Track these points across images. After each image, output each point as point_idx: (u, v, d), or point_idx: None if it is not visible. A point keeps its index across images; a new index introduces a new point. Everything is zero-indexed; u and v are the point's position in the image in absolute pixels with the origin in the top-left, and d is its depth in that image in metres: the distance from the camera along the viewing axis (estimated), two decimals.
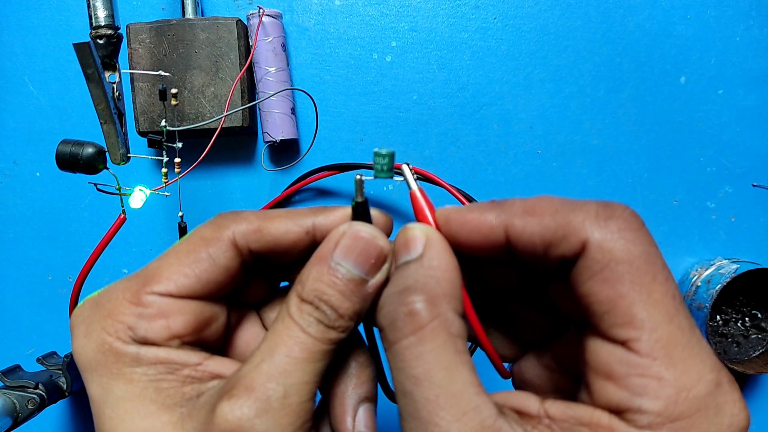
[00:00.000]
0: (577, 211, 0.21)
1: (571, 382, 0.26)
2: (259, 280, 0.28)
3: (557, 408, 0.21)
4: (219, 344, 0.27)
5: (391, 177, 0.26)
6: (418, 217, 0.26)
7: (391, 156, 0.25)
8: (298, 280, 0.24)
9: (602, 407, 0.20)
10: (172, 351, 0.23)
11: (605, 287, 0.20)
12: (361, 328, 0.29)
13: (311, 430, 0.23)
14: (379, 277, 0.24)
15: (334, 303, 0.23)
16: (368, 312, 0.26)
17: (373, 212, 0.26)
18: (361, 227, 0.24)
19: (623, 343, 0.20)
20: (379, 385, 0.32)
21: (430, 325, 0.21)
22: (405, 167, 0.26)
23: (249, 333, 0.28)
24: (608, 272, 0.20)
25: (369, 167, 0.56)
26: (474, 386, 0.21)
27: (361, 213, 0.25)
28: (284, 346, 0.23)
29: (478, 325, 0.25)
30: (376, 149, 0.25)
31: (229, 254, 0.25)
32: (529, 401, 0.22)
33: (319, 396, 0.26)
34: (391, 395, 0.33)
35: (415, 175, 0.26)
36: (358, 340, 0.28)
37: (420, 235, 0.24)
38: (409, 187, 0.26)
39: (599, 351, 0.21)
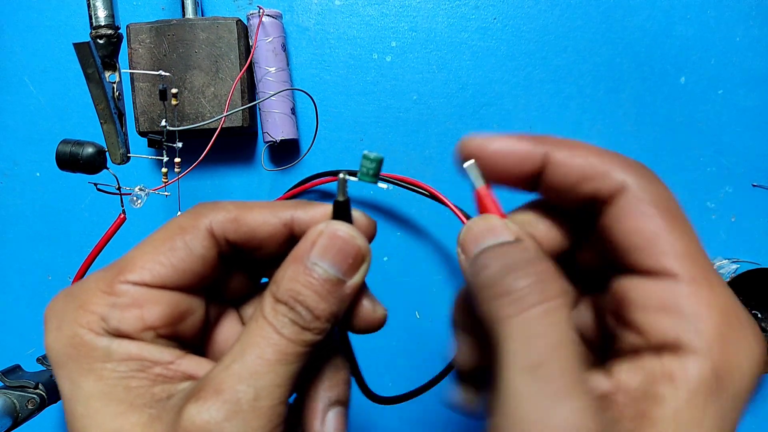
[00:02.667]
0: (611, 156, 0.22)
1: (586, 348, 0.26)
2: (239, 274, 0.28)
3: (626, 373, 0.21)
4: (196, 340, 0.26)
5: (375, 182, 0.25)
6: (486, 212, 0.25)
7: (379, 161, 0.25)
8: (273, 279, 0.24)
9: (657, 343, 0.20)
10: (144, 346, 0.23)
11: (647, 221, 0.21)
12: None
13: None
14: (357, 278, 0.24)
15: (310, 304, 0.22)
16: (344, 314, 0.25)
17: (356, 213, 0.26)
18: (339, 226, 0.24)
19: (667, 273, 0.21)
20: (359, 386, 0.31)
21: (561, 298, 0.21)
22: (469, 165, 0.25)
23: (228, 330, 0.28)
24: (648, 209, 0.21)
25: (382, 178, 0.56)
26: (583, 366, 0.21)
27: (341, 212, 0.25)
28: (256, 347, 0.22)
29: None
30: (365, 152, 0.25)
31: (206, 243, 0.24)
32: (598, 381, 0.21)
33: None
34: (372, 395, 0.32)
35: (478, 174, 0.25)
36: (332, 342, 0.27)
37: (503, 226, 0.23)
38: (474, 186, 0.25)
39: (644, 286, 0.21)
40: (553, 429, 0.18)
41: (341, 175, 0.24)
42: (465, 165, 0.25)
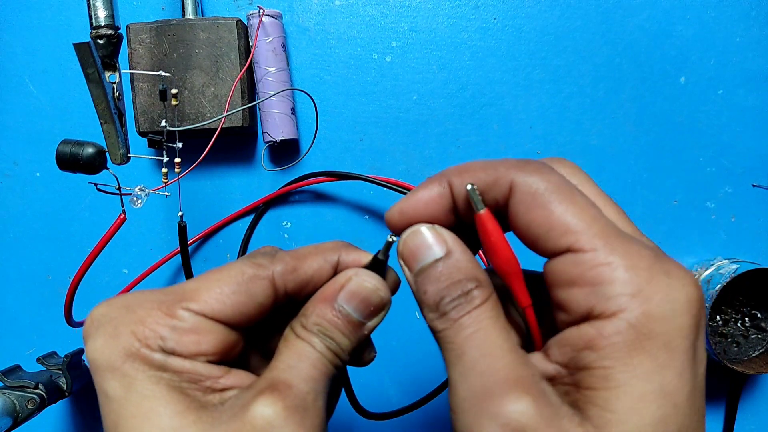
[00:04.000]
0: (501, 163, 0.24)
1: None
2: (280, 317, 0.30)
3: (557, 352, 0.23)
4: (236, 366, 0.28)
5: None
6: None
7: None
8: (302, 313, 0.26)
9: (578, 317, 0.22)
10: (195, 364, 0.24)
11: (538, 211, 0.23)
12: None
13: None
14: (374, 321, 0.27)
15: (336, 338, 0.26)
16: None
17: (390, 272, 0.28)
18: (366, 277, 0.27)
19: (568, 249, 0.22)
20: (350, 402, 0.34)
21: (486, 304, 0.24)
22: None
23: (253, 357, 0.30)
24: (537, 199, 0.23)
25: (365, 179, 0.56)
26: (523, 353, 0.23)
27: (377, 267, 0.28)
28: (308, 358, 0.25)
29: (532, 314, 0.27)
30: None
31: (267, 293, 0.26)
32: (540, 363, 0.24)
33: None
34: (363, 411, 0.35)
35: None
36: None
37: (432, 237, 0.25)
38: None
39: (554, 266, 0.23)
40: (485, 422, 0.21)
41: (390, 239, 0.27)
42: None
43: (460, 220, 0.26)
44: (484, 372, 0.22)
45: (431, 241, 0.25)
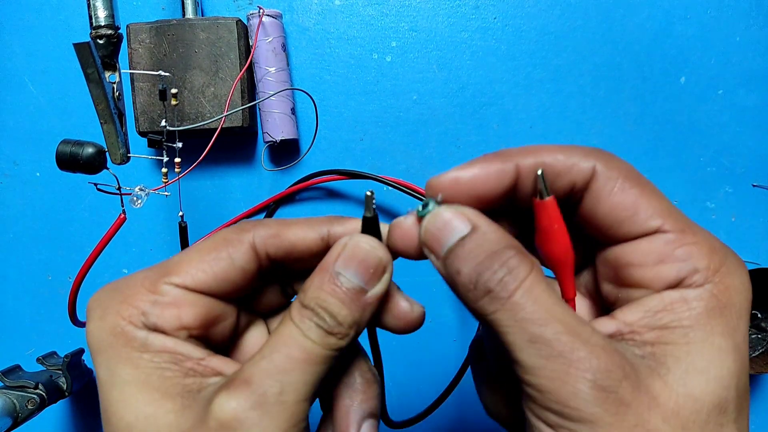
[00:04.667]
0: (573, 149, 0.25)
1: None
2: (273, 288, 0.29)
3: (628, 313, 0.24)
4: (225, 345, 0.28)
5: None
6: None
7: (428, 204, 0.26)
8: (302, 288, 0.25)
9: (662, 290, 0.23)
10: (178, 342, 0.24)
11: (625, 195, 0.24)
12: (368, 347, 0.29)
13: (306, 429, 0.24)
14: (378, 287, 0.25)
15: (333, 310, 0.24)
16: (372, 326, 0.26)
17: (383, 228, 0.27)
18: (361, 239, 0.25)
19: (657, 230, 0.24)
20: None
21: (533, 273, 0.23)
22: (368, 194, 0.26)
23: (255, 339, 0.29)
24: (623, 184, 0.24)
25: (372, 177, 0.56)
26: (579, 316, 0.23)
27: (368, 227, 0.26)
28: (285, 347, 0.24)
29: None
30: (419, 209, 0.25)
31: (248, 256, 0.26)
32: (601, 323, 0.24)
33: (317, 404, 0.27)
34: (390, 422, 0.34)
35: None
36: (364, 355, 0.29)
37: (454, 215, 0.24)
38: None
39: (639, 247, 0.24)
40: (575, 384, 0.21)
41: (369, 192, 0.26)
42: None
43: (508, 204, 0.26)
44: (564, 349, 0.21)
45: (453, 220, 0.24)
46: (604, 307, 0.27)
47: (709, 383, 0.22)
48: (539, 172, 0.24)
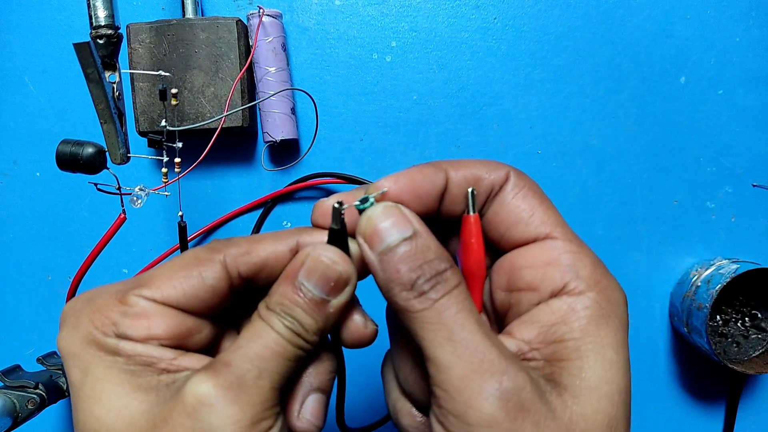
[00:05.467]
0: (494, 161, 0.28)
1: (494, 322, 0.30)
2: (247, 303, 0.29)
3: (524, 330, 0.25)
4: (203, 352, 0.28)
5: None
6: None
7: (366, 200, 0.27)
8: (268, 294, 0.26)
9: (548, 295, 0.25)
10: (147, 347, 0.25)
11: (527, 201, 0.27)
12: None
13: (276, 417, 0.24)
14: (340, 299, 0.26)
15: (299, 317, 0.25)
16: (335, 329, 0.27)
17: (352, 245, 0.27)
18: (323, 251, 0.26)
19: (547, 236, 0.26)
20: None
21: (460, 286, 0.24)
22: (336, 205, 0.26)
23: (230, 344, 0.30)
24: (526, 191, 0.27)
25: (366, 181, 0.56)
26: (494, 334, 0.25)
27: (335, 239, 0.26)
28: (261, 338, 0.25)
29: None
30: (356, 204, 0.26)
31: (219, 275, 0.26)
32: (505, 344, 0.25)
33: None
34: (345, 428, 0.34)
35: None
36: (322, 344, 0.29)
37: (399, 216, 0.25)
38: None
39: (531, 250, 0.26)
40: (481, 384, 0.22)
41: (336, 205, 0.26)
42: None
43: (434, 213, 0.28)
44: (477, 350, 0.23)
45: (398, 220, 0.25)
46: (498, 321, 0.29)
47: (600, 401, 0.23)
48: (470, 189, 0.27)
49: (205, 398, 0.23)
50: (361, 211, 0.26)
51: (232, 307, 0.29)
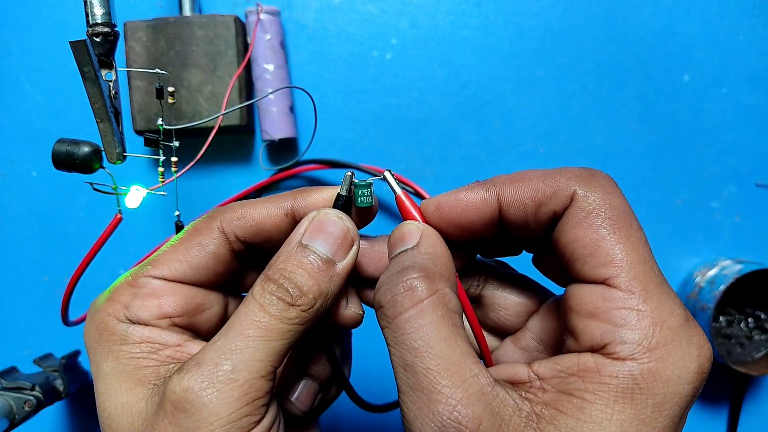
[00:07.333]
0: (562, 173, 0.24)
1: (548, 354, 0.28)
2: (254, 271, 0.30)
3: (544, 367, 0.23)
4: (214, 332, 0.28)
5: (372, 204, 0.27)
6: (406, 217, 0.27)
7: (371, 185, 0.27)
8: (269, 264, 0.26)
9: (586, 348, 0.22)
10: (156, 331, 0.26)
11: (589, 232, 0.22)
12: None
13: (265, 407, 0.24)
14: (347, 260, 0.26)
15: (299, 281, 0.24)
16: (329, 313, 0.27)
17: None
18: (328, 211, 0.26)
19: (604, 281, 0.22)
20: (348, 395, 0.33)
21: (429, 299, 0.22)
22: (387, 174, 0.28)
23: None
24: (592, 219, 0.22)
25: (361, 168, 0.56)
26: (471, 356, 0.22)
27: (340, 205, 0.27)
28: (239, 325, 0.24)
29: (471, 310, 0.27)
30: (355, 181, 0.27)
31: (217, 241, 0.27)
32: (517, 369, 0.23)
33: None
34: (362, 403, 0.35)
35: (397, 182, 0.28)
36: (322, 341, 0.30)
37: (414, 229, 0.26)
38: (394, 192, 0.27)
39: (581, 292, 0.22)
40: (424, 420, 0.21)
41: (349, 173, 0.27)
42: (384, 173, 0.27)
43: (502, 232, 0.26)
44: (425, 386, 0.21)
45: (410, 232, 0.25)
46: (557, 348, 0.27)
47: None
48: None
49: (183, 399, 0.23)
50: (356, 187, 0.27)
51: (239, 275, 0.30)
